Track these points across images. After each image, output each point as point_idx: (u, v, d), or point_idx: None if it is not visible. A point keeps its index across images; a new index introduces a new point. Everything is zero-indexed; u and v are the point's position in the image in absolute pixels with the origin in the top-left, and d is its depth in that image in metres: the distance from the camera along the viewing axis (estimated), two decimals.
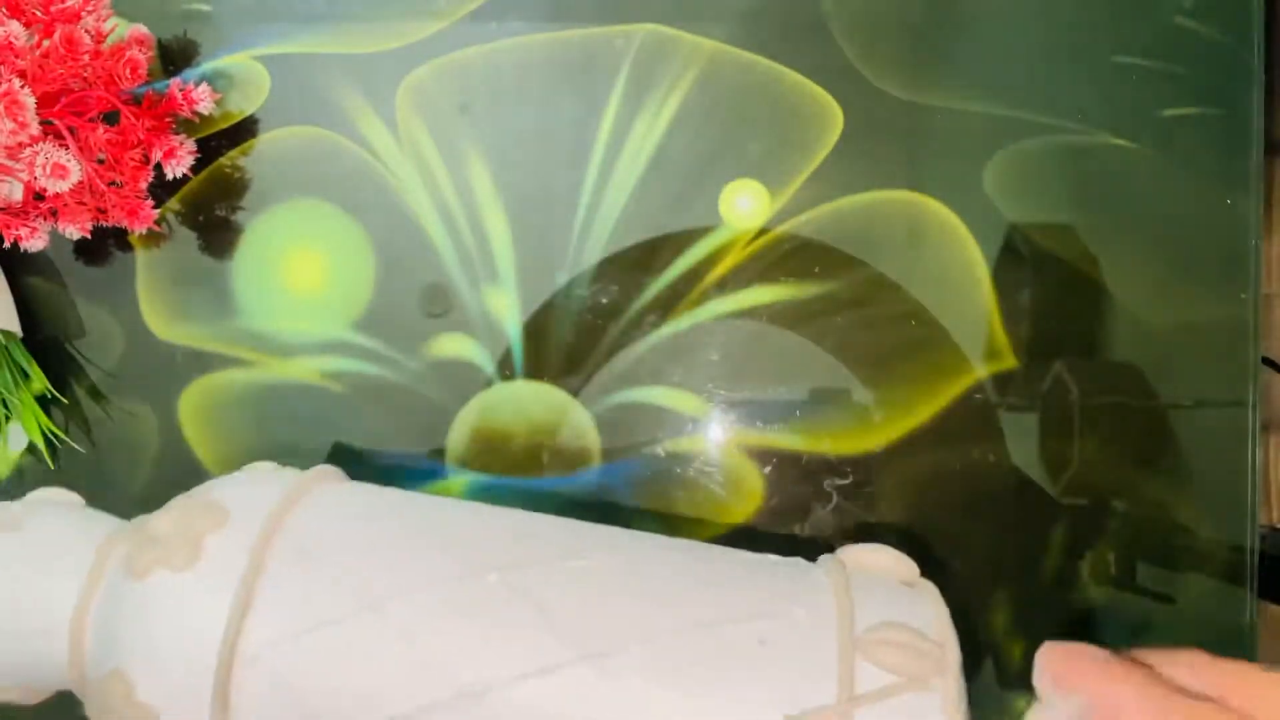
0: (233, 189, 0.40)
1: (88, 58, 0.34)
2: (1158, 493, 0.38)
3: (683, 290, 0.39)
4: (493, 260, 0.39)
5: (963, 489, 0.38)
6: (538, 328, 0.39)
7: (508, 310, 0.39)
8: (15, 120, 0.32)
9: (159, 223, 0.40)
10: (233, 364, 0.40)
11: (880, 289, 0.39)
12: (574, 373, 0.39)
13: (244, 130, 0.40)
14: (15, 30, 0.33)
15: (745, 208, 0.39)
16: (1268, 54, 0.39)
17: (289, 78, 0.40)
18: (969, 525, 0.38)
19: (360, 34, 0.40)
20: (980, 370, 0.38)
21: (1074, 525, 0.38)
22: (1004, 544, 0.38)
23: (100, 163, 0.36)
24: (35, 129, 0.32)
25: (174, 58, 0.40)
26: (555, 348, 0.39)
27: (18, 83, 0.32)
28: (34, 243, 0.36)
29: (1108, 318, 0.39)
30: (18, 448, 0.40)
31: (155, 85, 0.38)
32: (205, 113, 0.37)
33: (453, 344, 0.39)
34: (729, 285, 0.39)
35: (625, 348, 0.39)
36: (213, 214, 0.40)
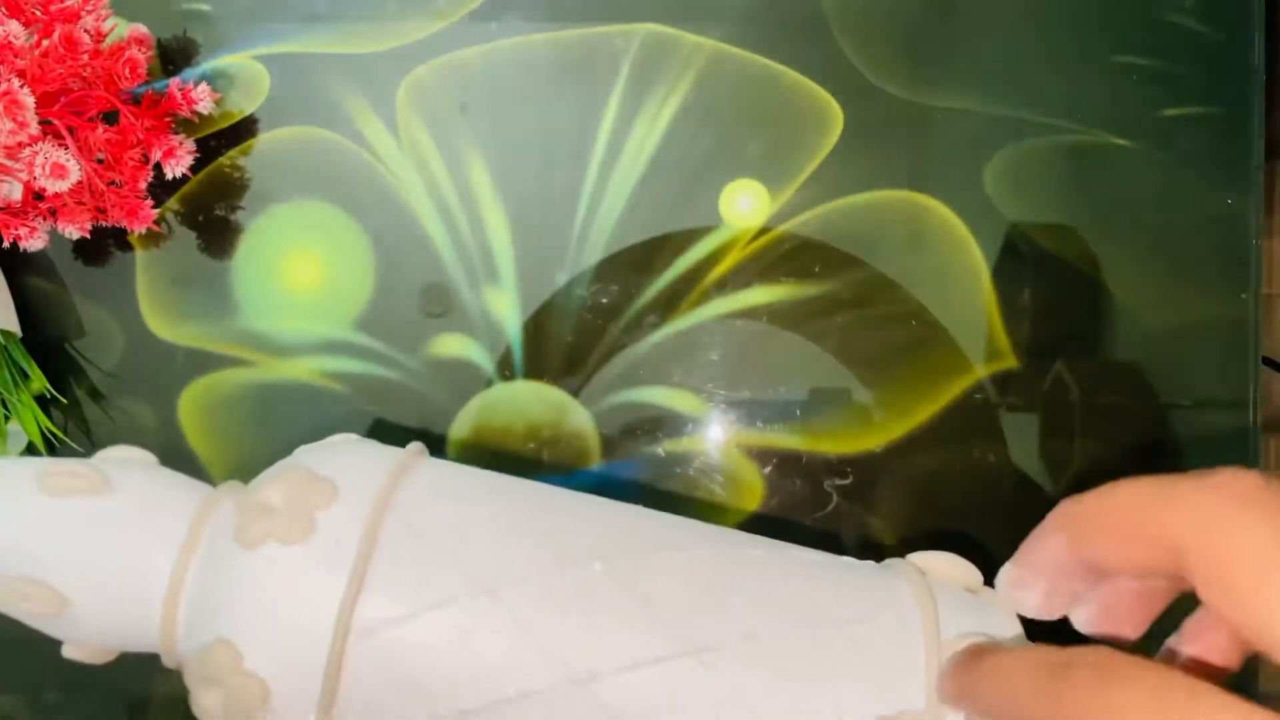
0: (232, 189, 0.40)
1: (87, 57, 0.34)
2: None
3: (683, 290, 0.39)
4: (493, 260, 0.39)
5: (963, 489, 0.38)
6: (538, 328, 0.39)
7: (508, 310, 0.39)
8: (14, 120, 0.32)
9: (159, 222, 0.40)
10: (233, 364, 0.40)
11: (880, 289, 0.39)
12: (574, 373, 0.39)
13: (244, 130, 0.40)
14: (14, 30, 0.33)
15: (745, 208, 0.39)
16: (1269, 53, 0.39)
17: (289, 78, 0.40)
18: (969, 525, 0.38)
19: (360, 34, 0.40)
20: (980, 370, 0.38)
21: None
22: (1004, 544, 0.38)
23: (100, 162, 0.36)
24: (34, 129, 0.32)
25: (173, 57, 0.40)
26: (555, 348, 0.39)
27: (17, 82, 0.32)
28: (33, 243, 0.36)
29: (1108, 318, 0.39)
30: (17, 448, 0.40)
31: (155, 85, 0.38)
32: (205, 112, 0.37)
33: (453, 344, 0.39)
34: (729, 285, 0.39)
35: (625, 348, 0.39)
36: (212, 214, 0.40)
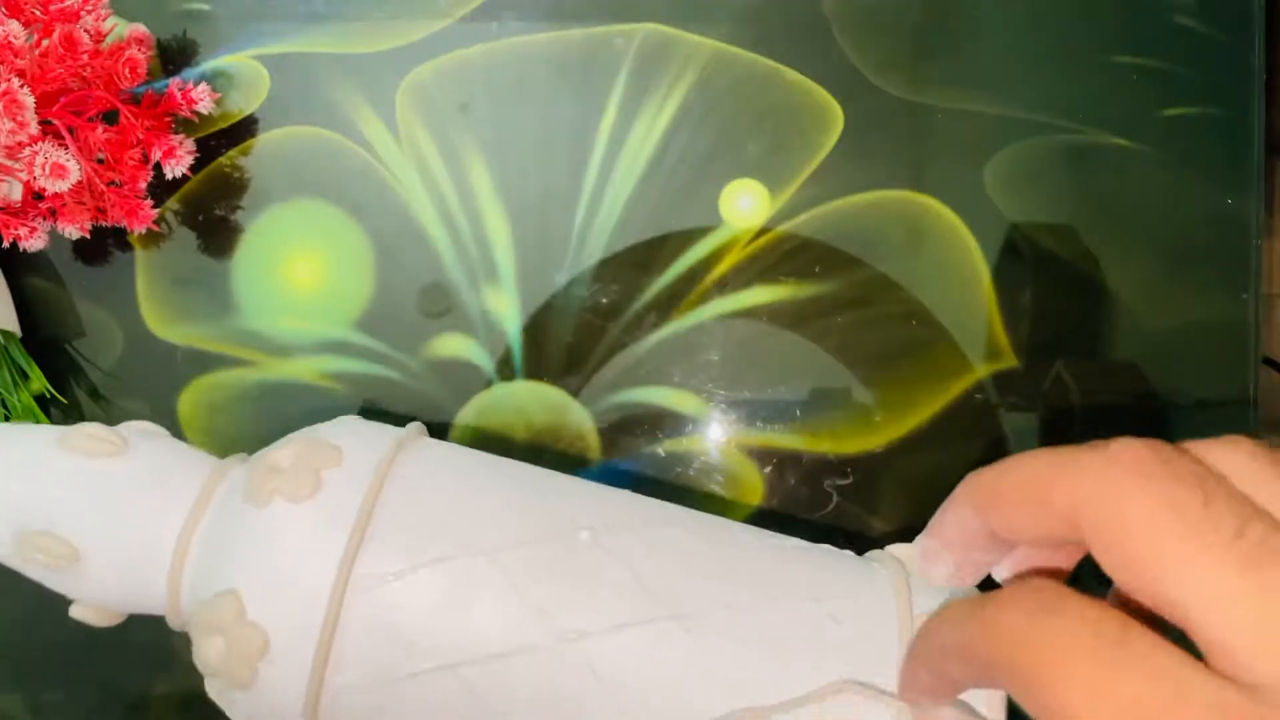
0: (232, 189, 0.40)
1: (87, 57, 0.34)
2: None
3: (683, 290, 0.39)
4: (493, 260, 0.39)
5: None
6: (538, 328, 0.39)
7: (508, 310, 0.39)
8: (14, 120, 0.32)
9: (158, 222, 0.40)
10: (232, 364, 0.39)
11: (880, 289, 0.39)
12: (574, 373, 0.39)
13: (243, 130, 0.40)
14: (14, 29, 0.33)
15: (745, 208, 0.39)
16: (1269, 53, 0.39)
17: (289, 77, 0.40)
18: None
19: (360, 34, 0.40)
20: (980, 370, 0.38)
21: None
22: None
23: (99, 162, 0.36)
24: (34, 128, 0.32)
25: (173, 57, 0.40)
26: (555, 348, 0.39)
27: (17, 82, 0.32)
28: (33, 242, 0.36)
29: (1108, 317, 0.39)
30: None
31: (154, 85, 0.38)
32: (205, 112, 0.37)
33: (453, 344, 0.39)
34: (729, 285, 0.39)
35: (625, 348, 0.39)
36: (212, 214, 0.40)
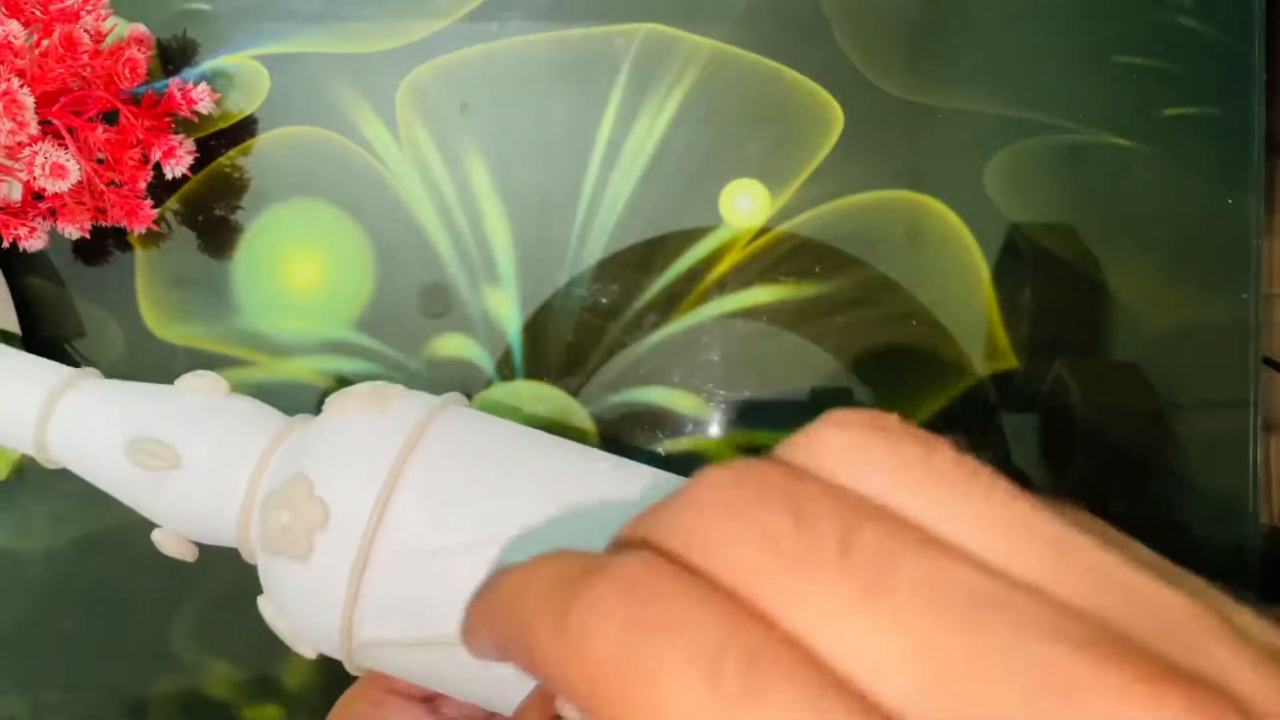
0: (232, 189, 0.40)
1: (87, 57, 0.34)
2: (1158, 493, 0.38)
3: (683, 290, 0.39)
4: (493, 260, 0.39)
5: None
6: (538, 328, 0.39)
7: (508, 310, 0.39)
8: (14, 120, 0.32)
9: (158, 222, 0.40)
10: (232, 364, 0.39)
11: (880, 289, 0.39)
12: (574, 373, 0.39)
13: (243, 130, 0.40)
14: (14, 29, 0.33)
15: (745, 207, 0.39)
16: (1269, 53, 0.39)
17: (289, 77, 0.40)
18: None
19: (360, 34, 0.40)
20: (980, 370, 0.38)
21: None
22: None
23: (99, 162, 0.36)
24: (34, 128, 0.32)
25: (173, 57, 0.40)
26: (555, 348, 0.39)
27: (16, 82, 0.32)
28: (33, 242, 0.36)
29: (1108, 318, 0.39)
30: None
31: (154, 85, 0.38)
32: (204, 112, 0.37)
33: (452, 344, 0.39)
34: (729, 285, 0.39)
35: (625, 348, 0.39)
36: (212, 214, 0.40)
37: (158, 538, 0.30)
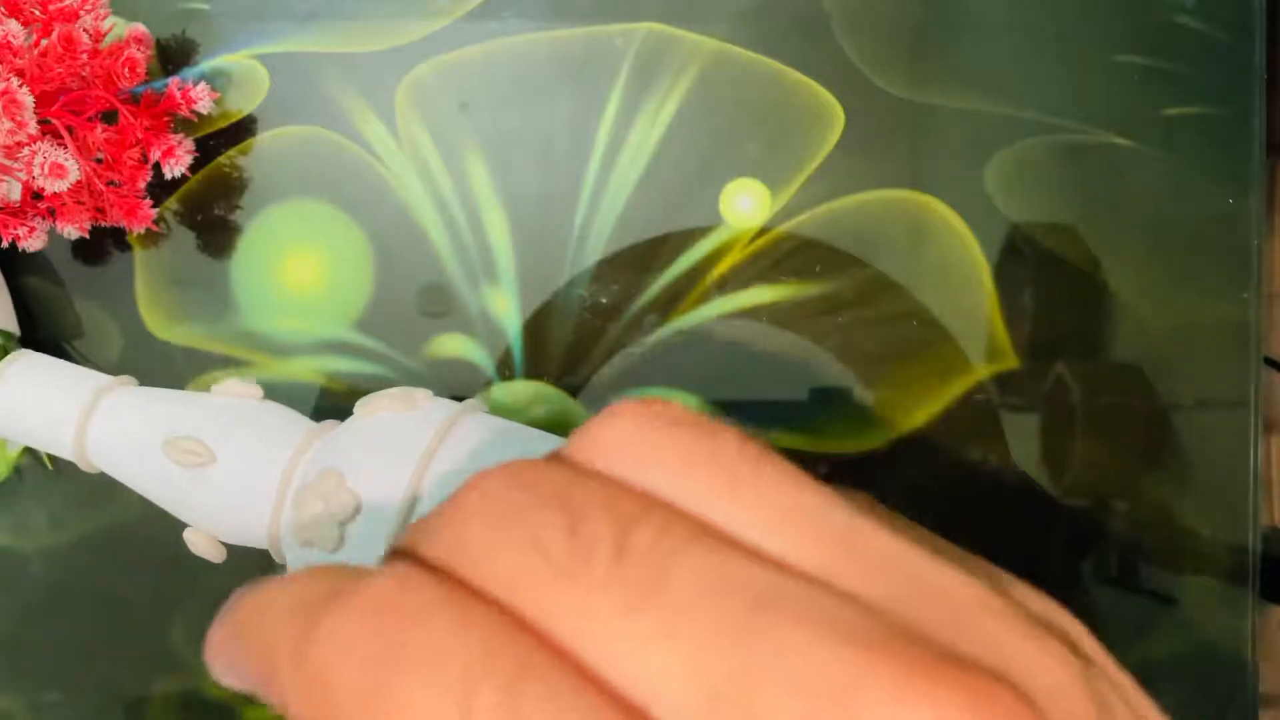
0: (232, 188, 0.40)
1: (86, 57, 0.34)
2: (1159, 493, 0.38)
3: (683, 290, 0.39)
4: (493, 260, 0.39)
5: (963, 489, 0.38)
6: (538, 328, 0.39)
7: (508, 310, 0.39)
8: (13, 119, 0.32)
9: (157, 222, 0.40)
10: (232, 364, 0.39)
11: (881, 289, 0.39)
12: (574, 373, 0.39)
13: (243, 130, 0.40)
14: (13, 29, 0.33)
15: (746, 207, 0.39)
16: (1270, 52, 0.39)
17: (288, 77, 0.40)
18: (969, 525, 0.38)
19: (360, 33, 0.40)
20: (981, 370, 0.38)
21: (1075, 526, 0.38)
22: (1004, 544, 0.38)
23: (98, 162, 0.36)
24: (33, 128, 0.32)
25: (173, 57, 0.40)
26: (555, 348, 0.39)
27: (15, 82, 0.32)
28: (32, 243, 0.36)
29: (1109, 318, 0.39)
30: (16, 448, 0.40)
31: (154, 84, 0.38)
32: (204, 112, 0.37)
33: (452, 344, 0.39)
34: (729, 285, 0.39)
35: (625, 348, 0.39)
36: (212, 214, 0.40)
37: (189, 537, 0.31)
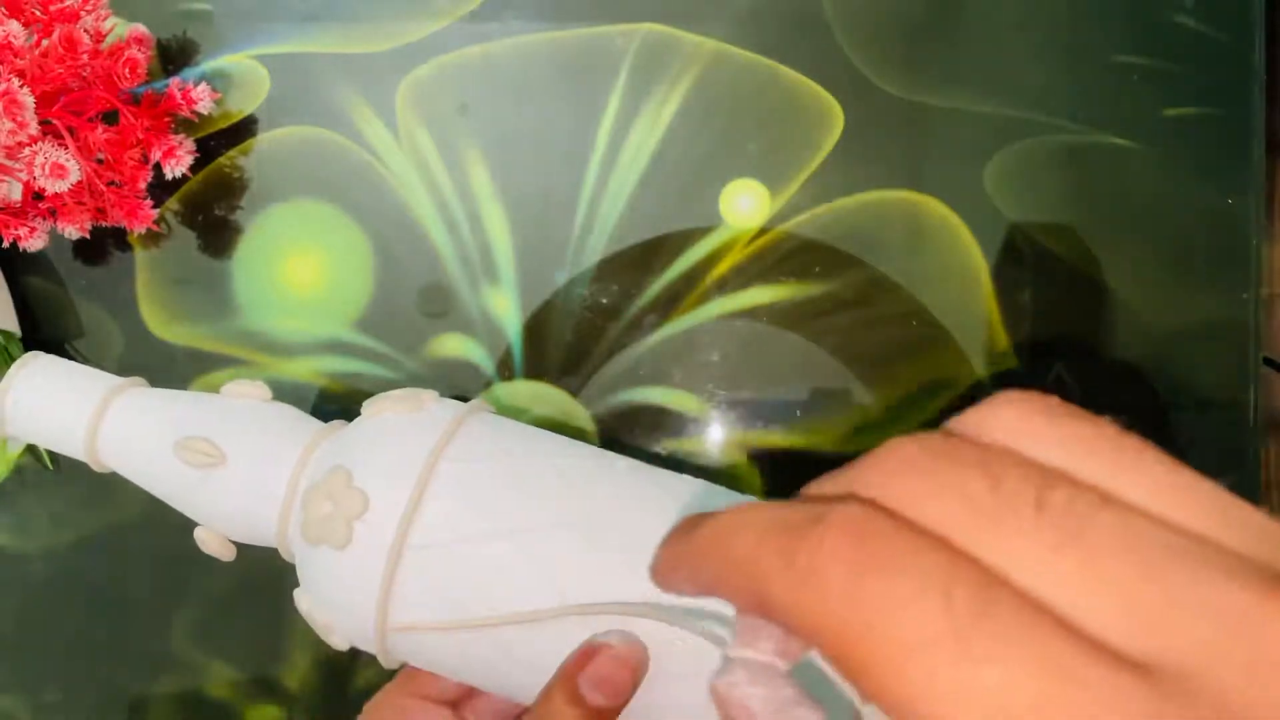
0: (232, 189, 0.40)
1: (87, 57, 0.34)
2: None
3: (683, 290, 0.39)
4: (493, 260, 0.39)
5: None
6: (538, 328, 0.39)
7: (508, 310, 0.39)
8: (14, 120, 0.32)
9: (158, 223, 0.40)
10: (232, 364, 0.39)
11: (880, 289, 0.39)
12: (574, 373, 0.39)
13: (243, 130, 0.40)
14: (14, 29, 0.33)
15: (745, 207, 0.39)
16: (1269, 53, 0.39)
17: (289, 77, 0.40)
18: None
19: (360, 33, 0.40)
20: (981, 370, 0.38)
21: None
22: None
23: (99, 162, 0.36)
24: (34, 128, 0.32)
25: (173, 57, 0.40)
26: (555, 348, 0.39)
27: (16, 82, 0.32)
28: (33, 243, 0.36)
29: (1108, 318, 0.39)
30: (16, 448, 0.40)
31: (154, 85, 0.38)
32: (204, 112, 0.37)
33: (452, 344, 0.39)
34: (729, 285, 0.39)
35: (625, 348, 0.39)
36: (212, 214, 0.40)
37: (199, 535, 0.31)
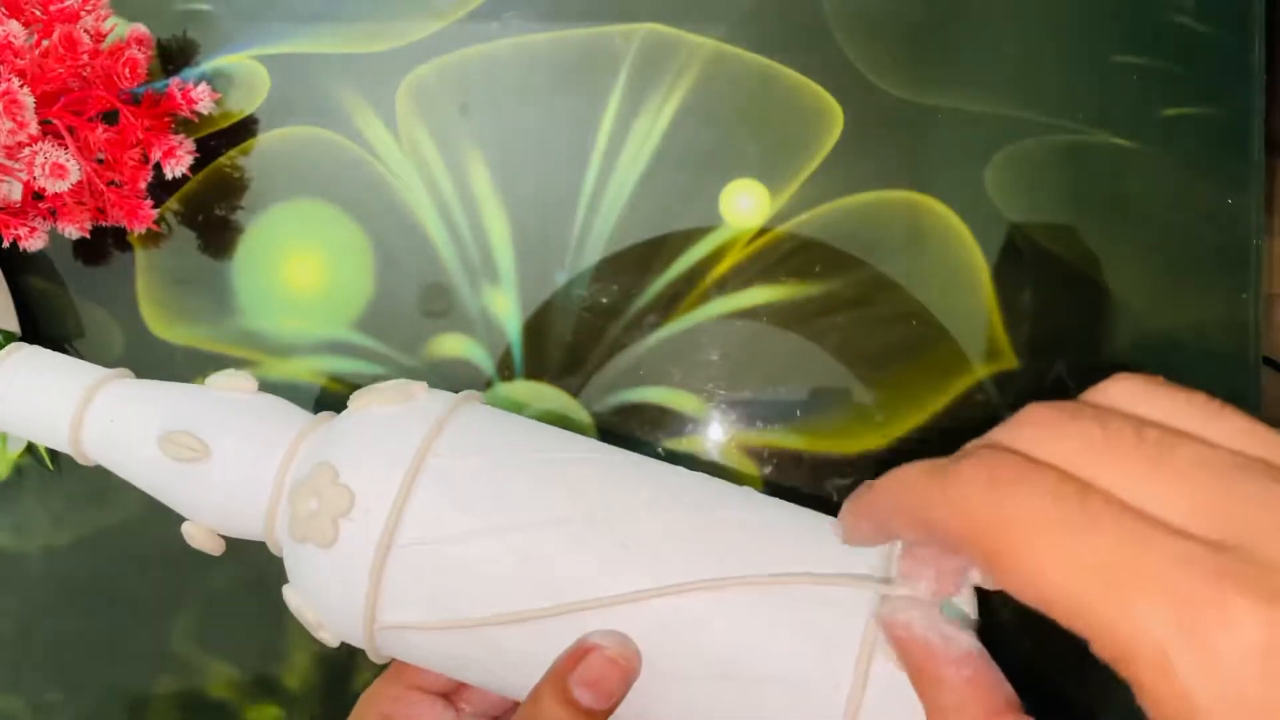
0: (232, 189, 0.40)
1: (87, 57, 0.34)
2: None
3: (683, 290, 0.39)
4: (493, 260, 0.39)
5: None
6: (538, 328, 0.39)
7: (508, 310, 0.39)
8: (14, 120, 0.32)
9: (158, 222, 0.40)
10: (233, 364, 0.39)
11: (881, 289, 0.39)
12: (574, 373, 0.39)
13: (243, 130, 0.40)
14: (14, 29, 0.33)
15: (745, 207, 0.39)
16: (1269, 53, 0.39)
17: (289, 77, 0.40)
18: None
19: (360, 34, 0.40)
20: (981, 370, 0.38)
21: None
22: None
23: (99, 162, 0.36)
24: (34, 128, 0.32)
25: (173, 57, 0.40)
26: (555, 348, 0.39)
27: (17, 82, 0.32)
28: (33, 243, 0.36)
29: (1108, 318, 0.39)
30: (17, 448, 0.40)
31: (154, 85, 0.38)
32: (205, 112, 0.37)
33: (452, 344, 0.39)
34: (729, 285, 0.39)
35: (625, 348, 0.39)
36: (212, 214, 0.40)
37: (187, 530, 0.31)
